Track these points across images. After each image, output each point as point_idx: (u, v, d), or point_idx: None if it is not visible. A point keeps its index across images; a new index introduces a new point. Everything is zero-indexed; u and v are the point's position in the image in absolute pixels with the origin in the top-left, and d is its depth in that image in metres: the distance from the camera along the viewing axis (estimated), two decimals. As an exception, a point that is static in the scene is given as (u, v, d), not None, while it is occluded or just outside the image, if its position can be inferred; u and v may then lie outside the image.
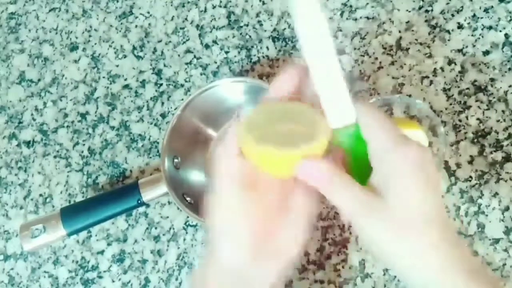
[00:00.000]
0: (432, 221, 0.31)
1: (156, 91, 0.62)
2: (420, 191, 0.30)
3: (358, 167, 0.34)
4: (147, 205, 0.56)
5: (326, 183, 0.32)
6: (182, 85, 0.62)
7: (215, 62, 0.61)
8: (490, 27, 0.55)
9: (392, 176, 0.31)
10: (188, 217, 0.56)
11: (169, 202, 0.57)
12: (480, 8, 0.55)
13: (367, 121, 0.33)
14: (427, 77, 0.55)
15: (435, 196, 0.31)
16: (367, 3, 0.58)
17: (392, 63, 0.56)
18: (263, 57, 0.60)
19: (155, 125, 0.61)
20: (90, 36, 0.66)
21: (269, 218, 0.33)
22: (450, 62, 0.55)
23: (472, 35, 0.55)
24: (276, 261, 0.33)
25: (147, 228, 0.57)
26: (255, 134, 0.31)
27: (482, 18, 0.55)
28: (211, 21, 0.63)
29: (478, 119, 0.53)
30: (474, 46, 0.55)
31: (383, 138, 0.32)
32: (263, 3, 0.62)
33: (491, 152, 0.52)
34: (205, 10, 0.63)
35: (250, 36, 0.61)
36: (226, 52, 0.61)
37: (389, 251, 0.32)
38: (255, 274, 0.33)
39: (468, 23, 0.55)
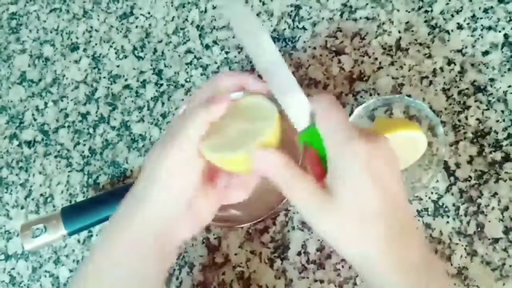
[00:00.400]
0: (378, 220, 0.31)
1: (156, 91, 0.62)
2: (366, 191, 0.30)
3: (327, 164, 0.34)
4: (148, 205, 0.56)
5: (280, 176, 0.33)
6: (182, 85, 0.62)
7: (216, 63, 0.61)
8: (489, 28, 0.55)
9: (341, 175, 0.31)
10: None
11: (169, 202, 0.57)
12: (479, 8, 0.55)
13: (321, 120, 0.33)
14: (426, 77, 0.55)
15: (383, 195, 0.31)
16: (367, 4, 0.58)
17: (392, 64, 0.56)
18: (263, 57, 0.60)
19: (156, 125, 0.61)
20: (91, 36, 0.66)
21: (204, 183, 0.36)
22: (450, 62, 0.55)
23: (472, 36, 0.55)
24: (193, 222, 0.37)
25: (148, 228, 0.57)
26: (210, 141, 0.35)
27: (481, 18, 0.55)
28: (211, 21, 0.63)
29: (477, 119, 0.53)
30: (473, 46, 0.55)
31: (336, 136, 0.32)
32: (263, 4, 0.62)
33: (490, 152, 0.52)
34: (205, 11, 0.63)
35: (250, 37, 0.61)
36: (227, 53, 0.61)
37: (341, 252, 0.32)
38: (175, 227, 0.36)
39: (468, 24, 0.55)
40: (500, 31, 0.54)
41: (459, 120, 0.53)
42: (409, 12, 0.57)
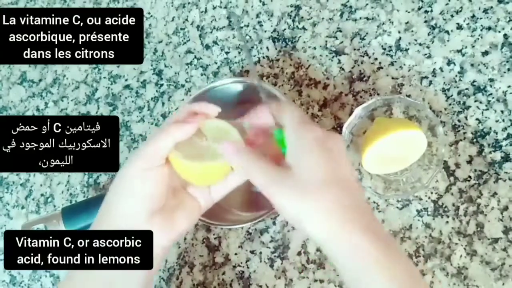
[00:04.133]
0: (329, 184, 0.35)
1: (156, 91, 0.62)
2: (319, 161, 0.36)
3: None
4: (148, 205, 0.56)
5: (237, 158, 0.38)
6: (182, 86, 0.62)
7: (216, 63, 0.62)
8: (489, 28, 0.55)
9: (298, 153, 0.36)
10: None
11: (169, 202, 0.57)
12: (479, 8, 0.55)
13: (280, 114, 0.39)
14: (426, 77, 0.55)
15: (333, 164, 0.36)
16: (367, 4, 0.59)
17: (392, 64, 0.56)
18: (263, 57, 0.60)
19: (156, 125, 0.61)
20: (91, 36, 0.66)
21: (172, 194, 0.41)
22: (449, 62, 0.55)
23: (471, 36, 0.55)
24: (168, 231, 0.40)
25: (148, 228, 0.57)
26: (181, 152, 0.39)
27: (481, 18, 0.55)
28: (211, 21, 0.63)
29: (477, 119, 0.53)
30: (473, 46, 0.55)
31: (294, 121, 0.38)
32: (263, 4, 0.62)
33: (490, 152, 0.52)
34: (206, 11, 0.63)
35: (250, 37, 0.62)
36: (227, 53, 0.62)
37: (296, 212, 0.35)
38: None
39: (467, 24, 0.55)
40: (499, 31, 0.54)
41: (459, 120, 0.53)
42: (409, 12, 0.57)
